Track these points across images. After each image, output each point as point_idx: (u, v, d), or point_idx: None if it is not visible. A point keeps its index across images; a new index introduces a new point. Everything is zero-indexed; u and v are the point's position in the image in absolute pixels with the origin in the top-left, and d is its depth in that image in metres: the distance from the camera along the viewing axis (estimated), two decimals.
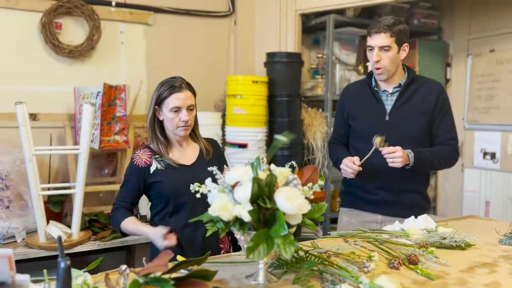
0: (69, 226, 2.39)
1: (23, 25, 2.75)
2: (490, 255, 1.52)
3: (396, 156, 1.88)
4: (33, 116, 2.75)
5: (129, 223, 1.74)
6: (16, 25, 2.73)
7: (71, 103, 2.84)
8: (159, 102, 1.78)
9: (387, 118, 2.04)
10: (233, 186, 1.20)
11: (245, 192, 1.14)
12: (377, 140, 1.90)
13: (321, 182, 1.29)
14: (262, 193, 1.14)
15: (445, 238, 1.59)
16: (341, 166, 2.02)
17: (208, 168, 1.31)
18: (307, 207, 1.17)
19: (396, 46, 1.98)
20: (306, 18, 3.34)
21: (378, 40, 1.96)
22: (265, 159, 1.30)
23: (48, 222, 2.34)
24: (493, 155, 3.37)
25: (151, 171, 1.77)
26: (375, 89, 2.09)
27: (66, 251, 2.29)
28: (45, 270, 1.16)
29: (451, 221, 2.03)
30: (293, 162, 1.36)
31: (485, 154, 3.43)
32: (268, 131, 3.11)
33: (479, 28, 3.48)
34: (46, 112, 2.81)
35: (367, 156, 1.93)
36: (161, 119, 1.80)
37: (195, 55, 3.27)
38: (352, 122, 2.15)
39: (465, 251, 1.56)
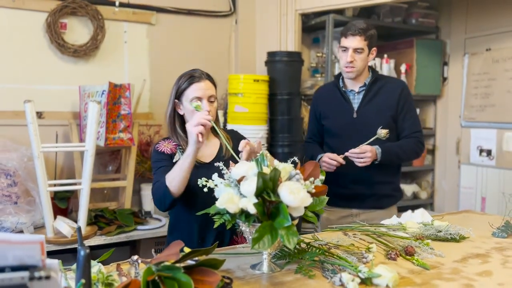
0: (75, 222, 2.46)
1: (29, 25, 2.80)
2: (483, 246, 1.59)
3: (366, 156, 2.03)
4: (39, 114, 2.81)
5: (170, 173, 1.58)
6: (22, 25, 2.79)
7: (76, 102, 2.89)
8: (178, 94, 1.70)
9: (354, 115, 2.21)
10: (239, 181, 1.27)
11: (250, 186, 1.20)
12: (382, 132, 2.03)
13: (322, 177, 1.35)
14: (267, 187, 1.20)
15: (440, 231, 1.66)
16: (323, 159, 2.14)
17: (215, 164, 1.37)
18: (309, 200, 1.23)
19: (367, 49, 2.14)
20: (306, 17, 3.40)
21: (353, 42, 2.11)
22: (269, 155, 1.37)
23: (55, 218, 2.40)
24: (489, 152, 3.44)
25: (174, 159, 1.70)
26: (343, 89, 2.25)
27: (73, 246, 2.36)
28: (60, 261, 1.23)
29: (447, 215, 2.10)
30: (295, 158, 1.43)
31: (481, 151, 3.50)
32: (269, 129, 3.17)
33: (476, 27, 3.54)
34: (52, 110, 2.87)
35: (366, 143, 2.05)
36: (181, 113, 1.73)
37: (197, 54, 3.33)
38: (324, 121, 2.31)
39: (459, 243, 1.63)
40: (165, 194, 1.58)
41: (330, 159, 2.10)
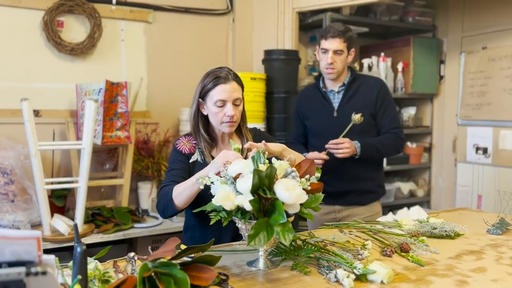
0: (72, 220, 2.46)
1: (26, 23, 2.80)
2: (478, 243, 1.60)
3: (343, 147, 2.09)
4: (36, 113, 2.80)
5: (180, 185, 1.53)
6: (19, 23, 2.78)
7: (73, 100, 2.89)
8: (203, 94, 1.63)
9: (335, 114, 2.27)
10: (235, 178, 1.27)
11: (246, 183, 1.21)
12: (356, 116, 2.10)
13: (317, 174, 1.36)
14: (263, 184, 1.21)
15: (435, 228, 1.67)
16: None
17: (211, 161, 1.37)
18: (304, 197, 1.24)
19: (346, 51, 2.21)
20: (303, 16, 3.41)
21: (333, 44, 2.17)
22: (267, 152, 1.38)
23: (52, 216, 2.40)
24: (485, 150, 3.46)
25: (191, 160, 1.66)
26: (323, 89, 2.32)
27: (70, 244, 2.36)
28: (57, 258, 1.23)
29: (442, 213, 2.11)
30: (292, 156, 1.44)
31: (477, 149, 3.51)
32: (266, 127, 3.18)
33: (472, 25, 3.56)
34: (49, 108, 2.87)
35: (344, 133, 2.12)
36: (205, 113, 1.66)
37: (194, 52, 3.33)
38: (307, 122, 2.38)
39: (454, 240, 1.64)
40: (169, 205, 1.56)
41: (314, 159, 2.11)
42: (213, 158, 1.60)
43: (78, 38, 2.91)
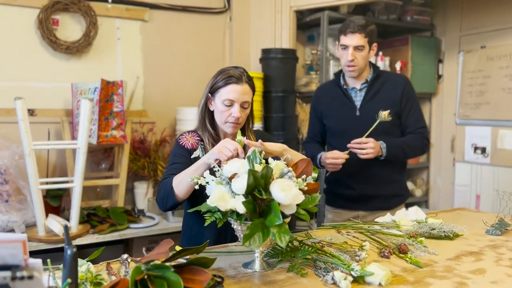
0: (68, 220, 2.43)
1: (20, 21, 2.77)
2: (477, 244, 1.58)
3: (368, 147, 1.96)
4: (31, 112, 2.78)
5: (179, 174, 1.51)
6: (13, 21, 2.75)
7: (68, 99, 2.86)
8: (213, 90, 1.62)
9: (357, 113, 2.14)
10: (231, 178, 1.25)
11: (242, 183, 1.19)
12: (383, 113, 1.96)
13: (314, 175, 1.34)
14: (258, 185, 1.19)
15: (434, 229, 1.65)
16: (328, 160, 2.06)
17: (206, 161, 1.35)
18: (301, 197, 1.22)
19: (368, 46, 2.08)
20: (300, 14, 3.38)
21: (353, 40, 2.04)
22: (263, 152, 1.36)
23: (47, 216, 2.38)
24: (483, 150, 3.44)
25: (193, 156, 1.64)
26: (344, 87, 2.19)
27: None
28: (49, 260, 1.21)
29: (441, 213, 2.09)
30: (288, 155, 1.42)
31: (475, 148, 3.50)
32: (264, 126, 3.15)
33: (471, 24, 3.54)
34: (44, 107, 2.84)
35: (369, 131, 1.99)
36: (211, 109, 1.65)
37: (191, 51, 3.31)
38: (325, 121, 2.25)
39: (453, 241, 1.62)
40: (169, 195, 1.53)
41: (334, 159, 2.03)
42: None
43: (74, 37, 2.88)
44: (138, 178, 3.01)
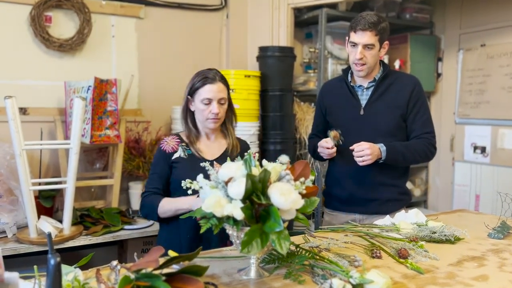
0: (61, 221, 2.38)
1: (12, 18, 2.71)
2: (479, 248, 1.54)
3: (364, 154, 1.88)
4: (23, 111, 2.72)
5: (166, 204, 1.73)
6: (5, 18, 2.69)
7: (61, 98, 2.81)
8: (191, 92, 1.80)
9: (361, 112, 2.06)
10: (227, 182, 1.20)
11: (239, 188, 1.14)
12: (332, 133, 1.97)
13: (312, 177, 1.29)
14: (256, 189, 1.14)
15: (435, 232, 1.61)
16: (319, 147, 2.05)
17: (201, 164, 1.31)
18: (300, 202, 1.17)
19: (378, 44, 1.98)
20: (298, 12, 3.33)
21: (363, 37, 1.95)
22: (257, 154, 1.30)
23: (39, 217, 2.32)
24: (483, 149, 3.40)
25: (174, 156, 1.80)
26: (351, 84, 2.11)
27: (57, 246, 2.28)
28: (35, 267, 1.16)
29: (441, 215, 2.05)
30: (284, 156, 1.36)
31: (475, 148, 3.46)
32: (261, 125, 3.10)
33: (470, 22, 3.50)
34: (36, 106, 2.79)
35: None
36: (192, 109, 1.83)
37: (187, 49, 3.25)
38: (329, 117, 2.19)
39: (454, 245, 1.58)
40: (152, 215, 1.76)
41: (322, 147, 2.01)
42: (196, 150, 1.80)
43: (67, 34, 2.82)
44: (133, 178, 2.95)
